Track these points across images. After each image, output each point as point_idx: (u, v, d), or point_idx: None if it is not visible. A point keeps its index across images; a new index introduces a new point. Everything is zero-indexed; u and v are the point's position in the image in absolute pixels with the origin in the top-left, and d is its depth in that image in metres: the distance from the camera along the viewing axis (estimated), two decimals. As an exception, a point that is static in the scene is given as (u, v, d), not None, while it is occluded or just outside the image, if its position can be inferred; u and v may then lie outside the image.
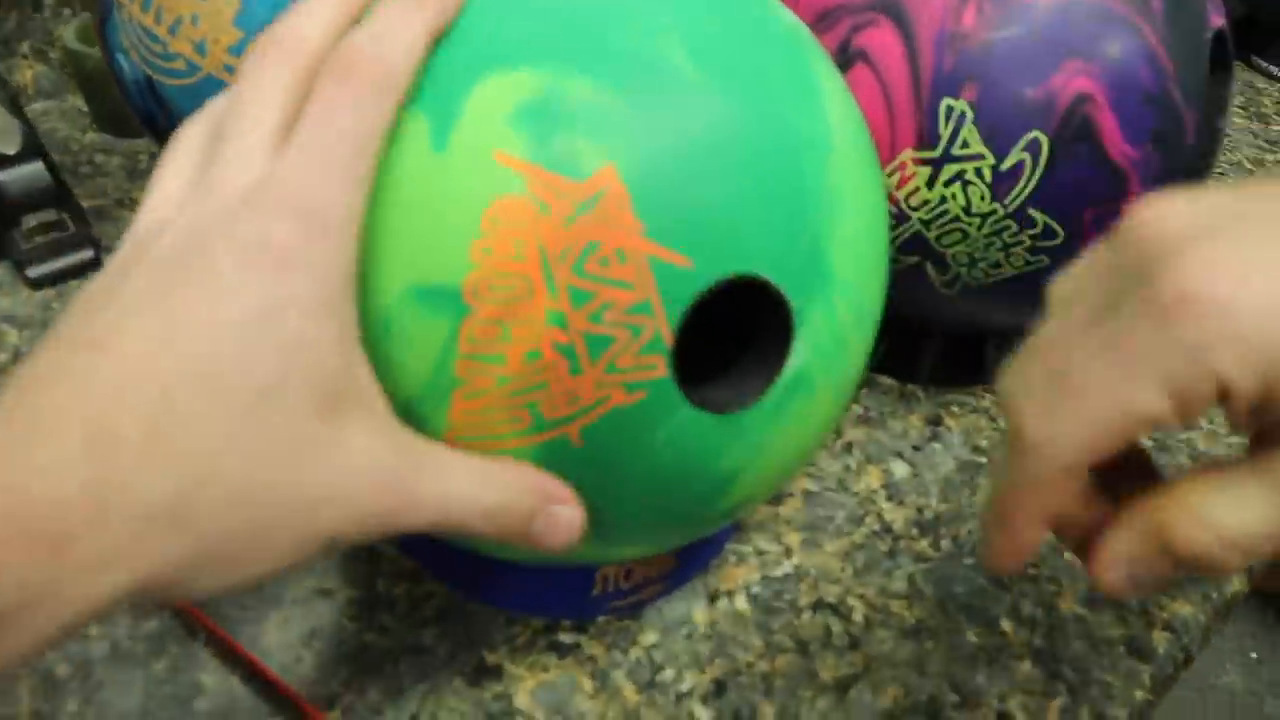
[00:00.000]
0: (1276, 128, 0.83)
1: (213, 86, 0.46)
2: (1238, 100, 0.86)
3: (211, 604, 0.41)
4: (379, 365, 0.29)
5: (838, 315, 0.31)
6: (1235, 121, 0.82)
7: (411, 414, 0.29)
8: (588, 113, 0.27)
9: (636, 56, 0.28)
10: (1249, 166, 0.77)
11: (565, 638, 0.41)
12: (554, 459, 0.29)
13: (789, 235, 0.29)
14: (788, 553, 0.45)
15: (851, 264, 0.31)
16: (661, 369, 0.28)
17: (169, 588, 0.22)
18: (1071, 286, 0.26)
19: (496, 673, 0.40)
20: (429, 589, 0.42)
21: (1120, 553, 0.25)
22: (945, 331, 0.53)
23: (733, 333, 0.33)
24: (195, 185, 0.26)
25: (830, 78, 0.33)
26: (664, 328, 0.28)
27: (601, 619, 0.42)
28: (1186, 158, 0.44)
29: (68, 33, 0.64)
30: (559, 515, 0.29)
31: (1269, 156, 0.79)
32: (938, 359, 0.54)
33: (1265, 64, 0.90)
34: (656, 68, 0.28)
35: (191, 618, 0.40)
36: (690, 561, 0.44)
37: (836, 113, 0.32)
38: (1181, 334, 0.22)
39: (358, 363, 0.26)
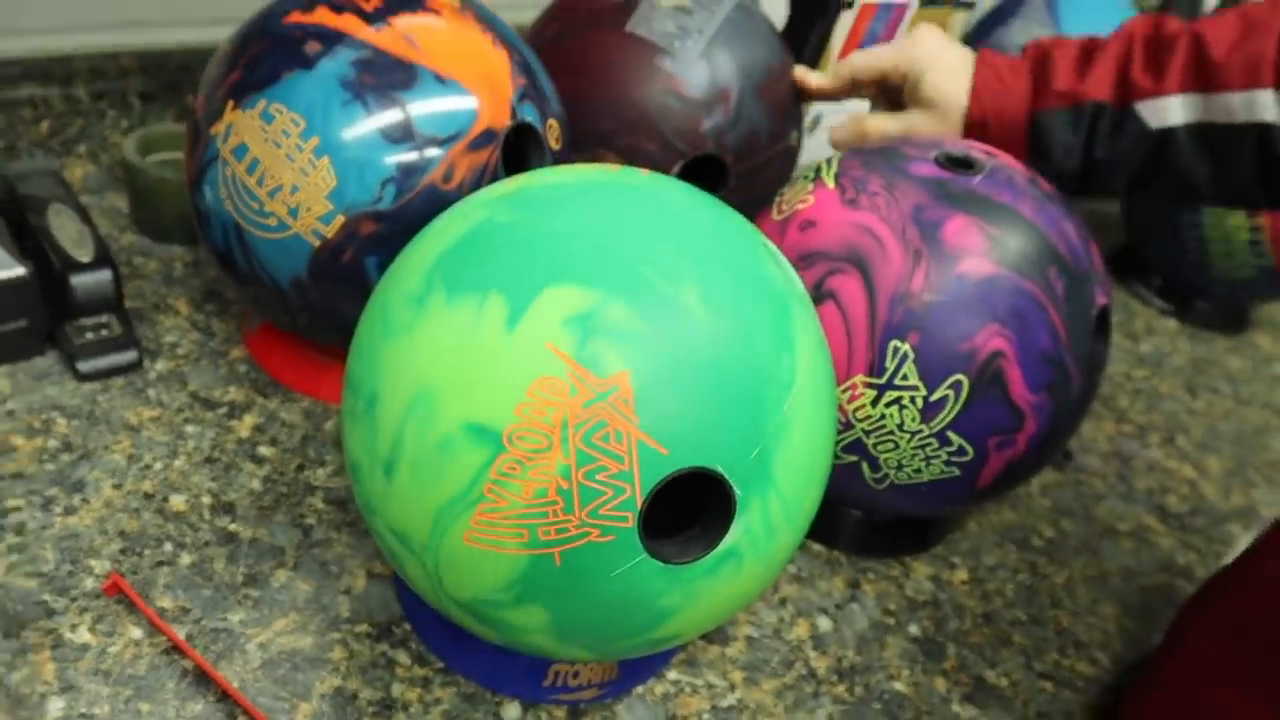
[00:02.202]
0: (1145, 347, 0.98)
1: (298, 244, 0.54)
2: (1115, 319, 1.01)
3: (249, 692, 0.48)
4: (431, 472, 0.39)
5: (771, 511, 0.41)
6: (1112, 338, 0.97)
7: (443, 513, 0.40)
8: (618, 330, 0.38)
9: (662, 294, 0.39)
10: (1119, 380, 0.91)
11: (551, 748, 0.49)
12: (538, 570, 0.39)
13: (743, 445, 0.40)
14: (732, 688, 0.55)
15: (790, 474, 0.42)
16: (631, 522, 0.38)
17: None
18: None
19: (492, 774, 0.48)
20: (437, 695, 0.50)
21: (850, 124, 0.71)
22: (866, 513, 0.64)
23: (691, 505, 0.43)
24: None
25: (807, 330, 0.44)
26: (638, 493, 0.38)
27: (579, 734, 0.50)
28: (1072, 404, 0.56)
29: (127, 145, 0.72)
30: None
31: (1137, 371, 0.94)
32: (858, 534, 0.65)
33: (1140, 289, 1.06)
34: (675, 306, 0.39)
35: (232, 701, 0.47)
36: (628, 678, 0.53)
37: (805, 358, 0.43)
38: None
39: None
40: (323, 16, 0.54)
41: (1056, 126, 0.66)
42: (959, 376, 0.53)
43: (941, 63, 0.69)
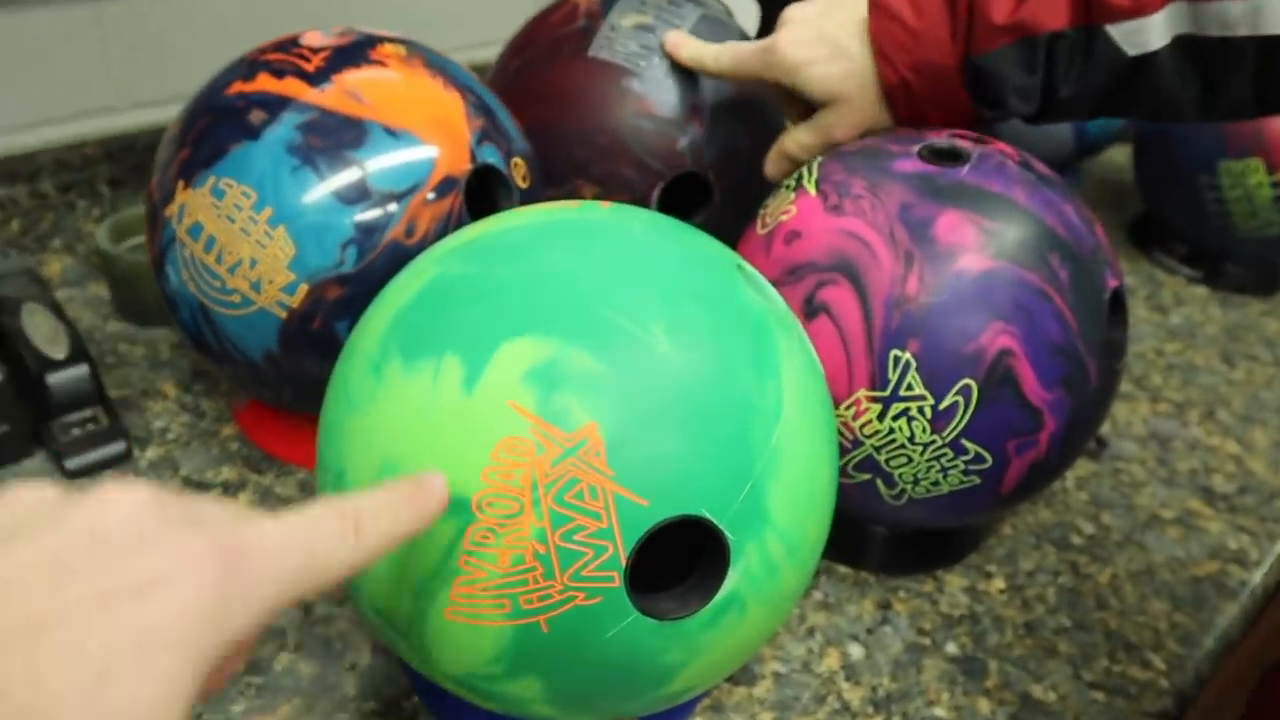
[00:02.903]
0: (1175, 319, 0.94)
1: (264, 318, 0.53)
2: (1141, 293, 0.97)
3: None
4: (403, 549, 0.37)
5: (770, 550, 0.38)
6: (1138, 313, 0.93)
7: (421, 589, 0.37)
8: (581, 379, 0.36)
9: (627, 336, 0.37)
10: (1151, 357, 0.87)
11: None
12: (526, 640, 0.37)
13: (731, 486, 0.37)
14: (762, 733, 0.52)
15: (787, 509, 0.39)
16: (617, 581, 0.36)
17: None
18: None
19: None
20: (450, 774, 0.48)
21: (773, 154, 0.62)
22: (892, 529, 0.61)
23: (688, 551, 0.40)
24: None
25: (793, 355, 0.41)
26: (621, 550, 0.35)
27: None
28: (1092, 395, 0.53)
29: (100, 234, 0.71)
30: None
31: (1169, 346, 0.89)
32: (885, 551, 0.62)
33: (1164, 258, 1.02)
34: (641, 346, 0.37)
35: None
36: None
37: (792, 385, 0.40)
38: None
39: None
40: (264, 84, 0.53)
41: (1005, 69, 0.53)
42: (967, 380, 0.50)
43: (815, 47, 0.56)
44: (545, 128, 0.66)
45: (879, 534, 0.62)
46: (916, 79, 0.56)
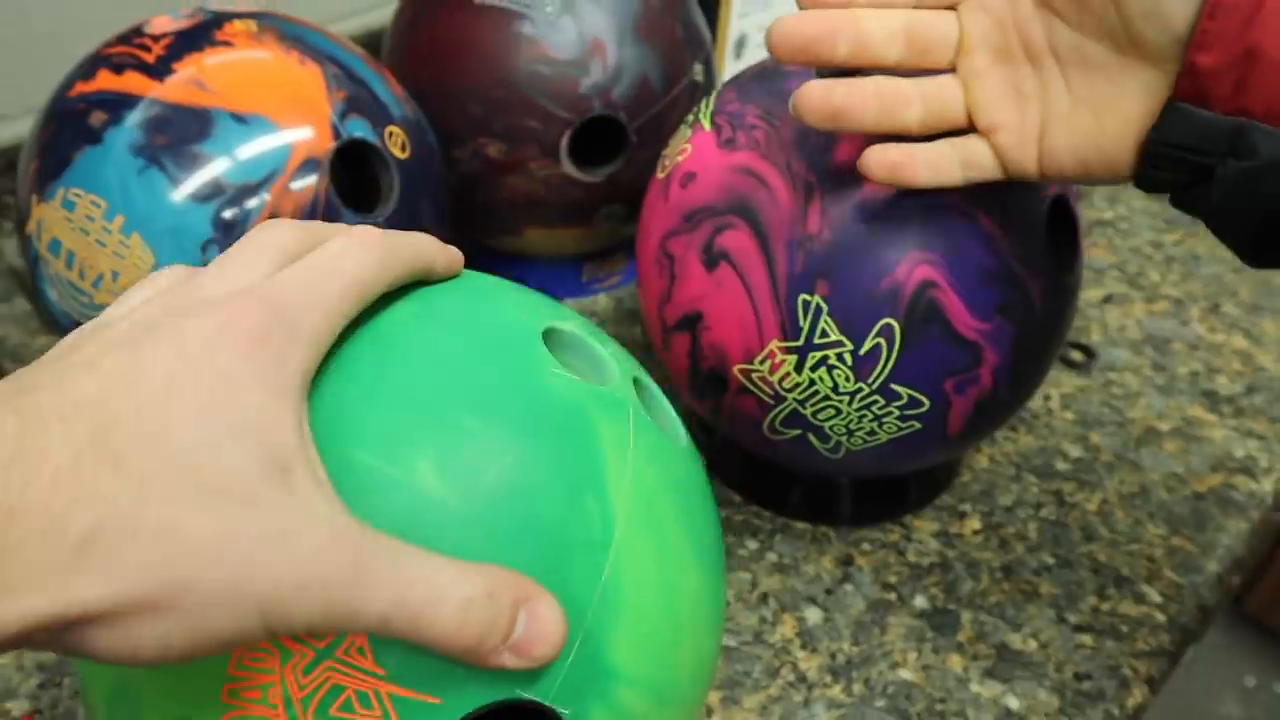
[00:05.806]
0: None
1: (138, 332, 0.50)
2: (1138, 180, 0.90)
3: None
4: None
5: (625, 705, 0.30)
6: (1133, 204, 0.86)
7: None
8: None
9: (385, 482, 0.28)
10: (1147, 251, 0.80)
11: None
12: None
13: None
14: (709, 713, 0.48)
15: (639, 652, 0.31)
16: None
17: (88, 629, 0.22)
18: None
19: None
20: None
21: None
22: (853, 480, 0.57)
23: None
24: (178, 284, 0.27)
25: (624, 446, 0.32)
26: None
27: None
28: (1041, 318, 0.48)
29: (9, 249, 0.68)
30: (542, 609, 0.27)
31: (1167, 237, 0.82)
32: (846, 501, 0.58)
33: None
34: (404, 493, 0.28)
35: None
36: None
37: (625, 490, 0.31)
38: None
39: (309, 446, 0.26)
40: (104, 82, 0.49)
41: None
42: (887, 320, 0.45)
43: None
44: (439, 85, 0.61)
45: (839, 484, 0.58)
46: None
